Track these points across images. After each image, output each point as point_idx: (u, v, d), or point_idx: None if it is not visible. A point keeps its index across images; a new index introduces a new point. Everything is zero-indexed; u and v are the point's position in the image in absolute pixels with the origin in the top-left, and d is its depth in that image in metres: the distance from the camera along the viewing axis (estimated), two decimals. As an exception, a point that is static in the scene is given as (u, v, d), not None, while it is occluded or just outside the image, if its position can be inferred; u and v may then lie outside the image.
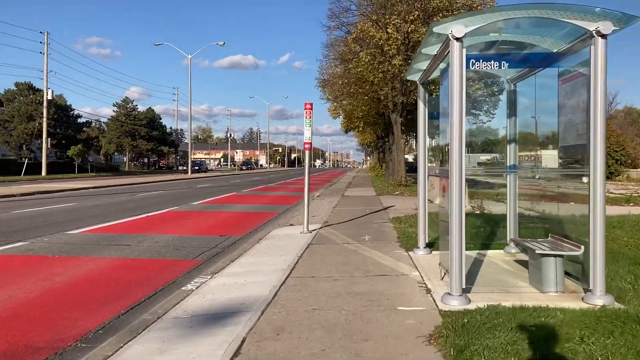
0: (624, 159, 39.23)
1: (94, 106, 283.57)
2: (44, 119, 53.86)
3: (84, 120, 70.71)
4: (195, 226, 12.59)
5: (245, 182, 38.28)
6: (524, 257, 6.76)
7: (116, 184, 32.38)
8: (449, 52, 5.15)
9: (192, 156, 59.39)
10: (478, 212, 15.09)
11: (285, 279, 6.39)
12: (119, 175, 58.44)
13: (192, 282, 6.61)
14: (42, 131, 54.00)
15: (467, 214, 5.62)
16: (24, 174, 50.38)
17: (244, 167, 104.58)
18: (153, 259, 8.31)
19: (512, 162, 7.62)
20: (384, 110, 30.31)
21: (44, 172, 52.52)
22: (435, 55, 6.29)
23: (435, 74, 7.17)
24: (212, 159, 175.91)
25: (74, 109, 66.58)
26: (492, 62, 5.46)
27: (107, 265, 7.86)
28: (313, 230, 10.84)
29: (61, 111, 63.40)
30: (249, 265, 7.43)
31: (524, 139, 7.73)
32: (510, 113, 7.59)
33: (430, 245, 7.93)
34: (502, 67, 5.49)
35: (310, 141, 10.69)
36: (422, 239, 7.85)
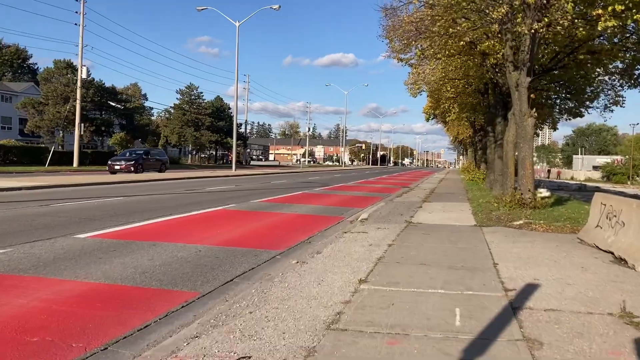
0: None
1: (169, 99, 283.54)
2: (78, 101, 46.52)
3: (134, 106, 63.40)
4: None
5: (289, 184, 27.69)
6: None
7: (93, 182, 22.95)
8: None
9: (274, 152, 49.78)
10: None
11: None
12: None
13: None
14: (75, 115, 46.82)
15: None
16: (49, 164, 43.09)
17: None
18: None
19: None
20: (492, 76, 18.23)
21: (75, 163, 45.18)
22: None
23: None
24: (293, 154, 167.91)
25: (121, 93, 59.21)
26: None
27: None
28: None
29: (108, 94, 56.16)
30: None
31: None
32: None
33: None
34: None
35: None
36: None
